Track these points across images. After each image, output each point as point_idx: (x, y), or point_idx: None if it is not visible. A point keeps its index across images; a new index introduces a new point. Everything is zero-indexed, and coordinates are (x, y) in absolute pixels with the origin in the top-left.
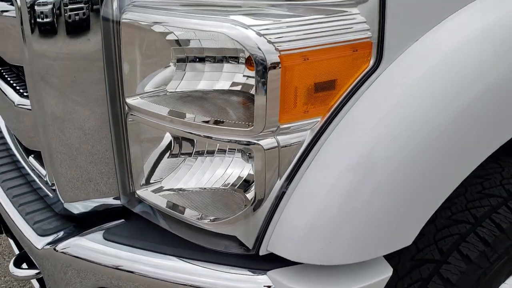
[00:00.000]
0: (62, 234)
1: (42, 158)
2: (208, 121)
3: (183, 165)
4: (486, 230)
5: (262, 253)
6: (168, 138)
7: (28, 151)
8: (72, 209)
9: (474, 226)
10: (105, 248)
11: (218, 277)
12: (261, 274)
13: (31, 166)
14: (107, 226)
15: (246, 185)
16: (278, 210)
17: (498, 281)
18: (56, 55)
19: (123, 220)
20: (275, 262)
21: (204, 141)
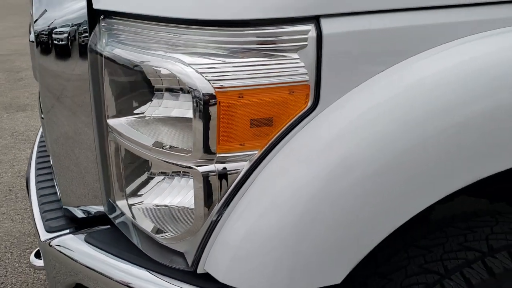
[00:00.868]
0: (62, 232)
1: None
2: (156, 144)
3: (152, 181)
4: (454, 283)
5: (199, 271)
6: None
7: None
8: (73, 211)
9: (443, 278)
10: (82, 248)
11: (161, 285)
12: None
13: None
14: (92, 230)
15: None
16: (215, 232)
17: None
18: (54, 74)
19: (109, 226)
20: (217, 282)
21: (155, 162)
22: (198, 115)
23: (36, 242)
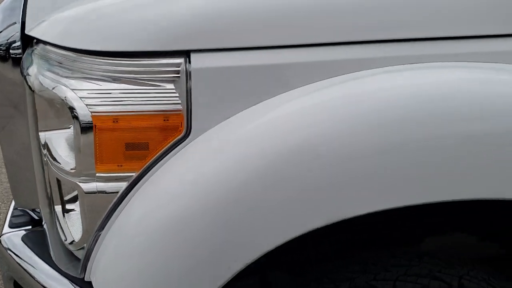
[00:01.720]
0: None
1: None
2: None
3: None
4: None
5: (86, 279)
6: None
7: None
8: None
9: None
10: (16, 244)
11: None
12: None
13: None
14: (31, 230)
15: None
16: (97, 244)
17: None
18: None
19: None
20: None
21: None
22: (77, 137)
23: None
